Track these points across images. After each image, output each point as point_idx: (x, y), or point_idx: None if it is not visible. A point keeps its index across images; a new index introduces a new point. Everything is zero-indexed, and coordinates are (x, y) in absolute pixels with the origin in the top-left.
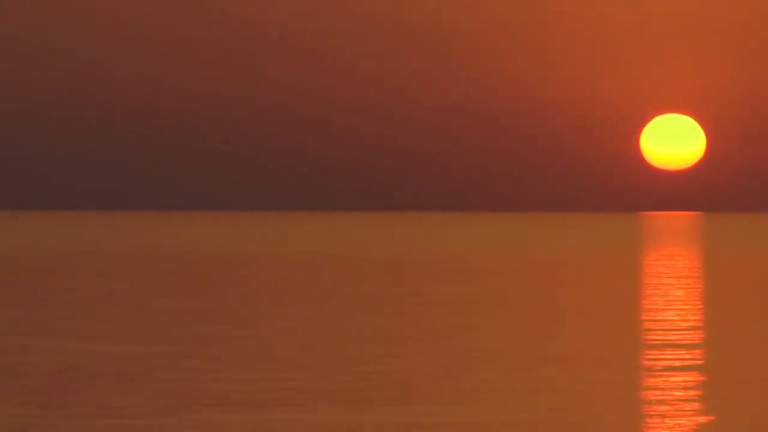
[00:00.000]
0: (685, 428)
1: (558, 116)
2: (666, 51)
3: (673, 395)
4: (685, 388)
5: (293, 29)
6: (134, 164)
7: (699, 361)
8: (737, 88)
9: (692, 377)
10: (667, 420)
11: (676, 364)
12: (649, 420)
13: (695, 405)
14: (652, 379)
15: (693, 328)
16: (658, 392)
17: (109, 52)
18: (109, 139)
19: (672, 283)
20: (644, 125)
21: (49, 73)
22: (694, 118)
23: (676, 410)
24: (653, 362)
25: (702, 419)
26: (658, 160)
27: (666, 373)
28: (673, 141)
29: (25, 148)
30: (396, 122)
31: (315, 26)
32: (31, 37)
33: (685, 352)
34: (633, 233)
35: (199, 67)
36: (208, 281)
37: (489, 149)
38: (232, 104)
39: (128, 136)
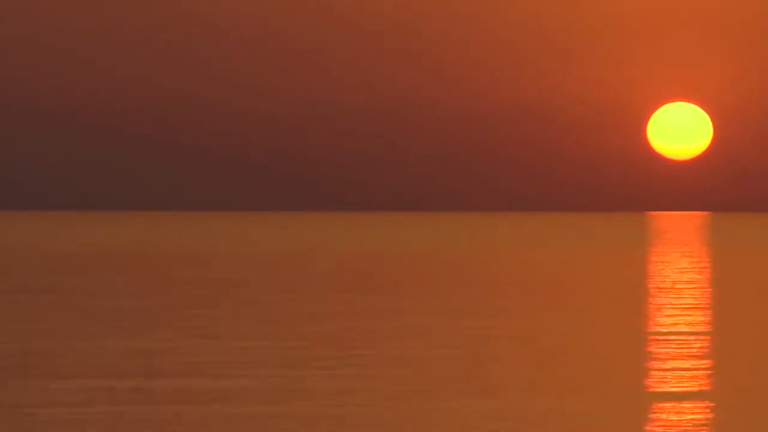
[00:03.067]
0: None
1: (562, 113)
2: (664, 41)
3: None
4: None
5: (282, 32)
6: (120, 165)
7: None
8: (740, 75)
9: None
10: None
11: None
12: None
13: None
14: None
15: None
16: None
17: (102, 54)
18: (97, 140)
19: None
20: (649, 116)
21: (44, 75)
22: (698, 105)
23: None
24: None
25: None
26: (666, 150)
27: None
28: (680, 129)
29: (13, 149)
30: (411, 122)
31: (305, 30)
32: (31, 38)
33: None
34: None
35: (188, 69)
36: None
37: (494, 150)
38: (221, 105)
39: (115, 138)
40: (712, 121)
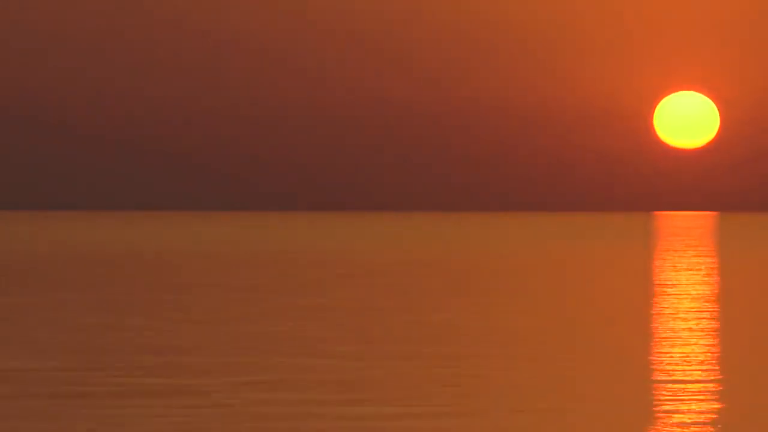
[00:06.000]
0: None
1: (563, 111)
2: (663, 35)
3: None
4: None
5: (280, 34)
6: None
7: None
8: (744, 63)
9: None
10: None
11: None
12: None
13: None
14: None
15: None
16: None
17: (100, 55)
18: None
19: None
20: (655, 106)
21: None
22: (704, 94)
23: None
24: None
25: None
26: (673, 141)
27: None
28: (686, 119)
29: None
30: (423, 119)
31: (303, 31)
32: (31, 39)
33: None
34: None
35: (185, 71)
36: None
37: (494, 151)
38: (217, 108)
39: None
40: (718, 109)
